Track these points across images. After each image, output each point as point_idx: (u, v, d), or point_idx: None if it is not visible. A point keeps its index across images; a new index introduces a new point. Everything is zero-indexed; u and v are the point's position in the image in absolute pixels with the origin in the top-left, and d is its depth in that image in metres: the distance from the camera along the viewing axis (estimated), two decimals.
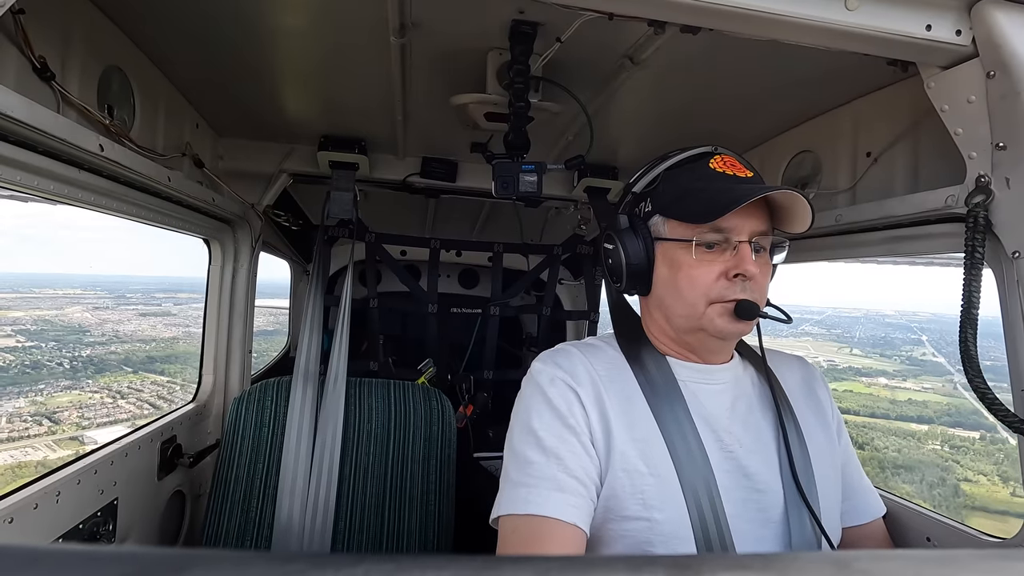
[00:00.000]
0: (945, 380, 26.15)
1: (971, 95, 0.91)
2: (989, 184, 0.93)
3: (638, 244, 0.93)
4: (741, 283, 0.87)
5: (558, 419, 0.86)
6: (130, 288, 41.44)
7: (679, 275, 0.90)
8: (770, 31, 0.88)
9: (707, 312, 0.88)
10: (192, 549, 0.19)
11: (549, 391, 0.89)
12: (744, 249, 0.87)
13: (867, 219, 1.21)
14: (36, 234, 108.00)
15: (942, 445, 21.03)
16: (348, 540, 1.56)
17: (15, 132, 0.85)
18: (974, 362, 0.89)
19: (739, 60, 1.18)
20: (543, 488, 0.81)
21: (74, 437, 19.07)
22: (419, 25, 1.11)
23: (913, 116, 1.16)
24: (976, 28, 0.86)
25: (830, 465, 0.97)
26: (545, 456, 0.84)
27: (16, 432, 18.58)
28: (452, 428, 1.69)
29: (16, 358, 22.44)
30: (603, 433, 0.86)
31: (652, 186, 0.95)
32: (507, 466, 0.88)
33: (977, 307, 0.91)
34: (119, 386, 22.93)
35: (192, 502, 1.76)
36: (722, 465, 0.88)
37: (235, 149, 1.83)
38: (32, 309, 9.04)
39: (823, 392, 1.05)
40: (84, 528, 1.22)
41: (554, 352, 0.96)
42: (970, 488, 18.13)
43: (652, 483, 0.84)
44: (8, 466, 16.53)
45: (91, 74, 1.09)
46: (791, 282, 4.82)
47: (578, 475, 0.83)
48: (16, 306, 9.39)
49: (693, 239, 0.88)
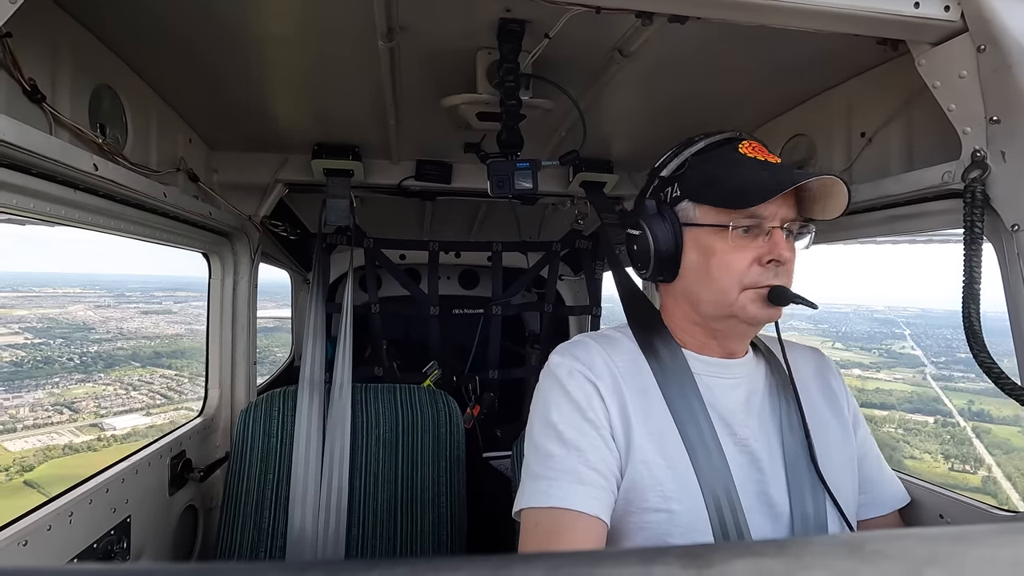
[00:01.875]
0: (917, 371, 27.60)
1: (962, 70, 0.91)
2: (985, 158, 0.92)
3: (667, 229, 0.92)
4: (774, 268, 0.87)
5: (577, 411, 0.86)
6: (128, 287, 41.80)
7: (712, 261, 0.89)
8: (758, 16, 0.88)
9: (739, 299, 0.87)
10: (206, 563, 0.19)
11: (568, 384, 0.88)
12: (778, 235, 0.87)
13: (864, 199, 1.21)
14: (33, 235, 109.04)
15: (897, 428, 23.14)
16: (362, 546, 1.56)
17: (8, 155, 0.85)
18: (978, 337, 0.89)
19: (729, 48, 1.17)
20: (564, 481, 0.82)
21: (94, 424, 20.31)
22: (406, 28, 1.10)
23: (906, 94, 1.15)
24: (965, 3, 0.86)
25: (845, 456, 0.97)
26: (566, 449, 0.84)
27: (41, 420, 19.92)
28: (460, 429, 1.69)
29: (27, 354, 23.34)
30: (623, 425, 0.87)
31: (680, 171, 0.94)
32: (528, 459, 0.88)
33: (979, 281, 0.91)
34: (130, 379, 23.97)
35: (204, 516, 1.76)
36: (736, 459, 0.88)
37: (229, 161, 1.83)
38: (35, 308, 9.31)
39: (837, 383, 1.05)
40: (98, 547, 1.22)
41: (572, 344, 0.96)
42: (912, 463, 20.46)
43: (670, 475, 0.84)
44: (38, 449, 17.28)
45: (82, 94, 1.09)
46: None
47: (599, 467, 0.83)
48: (19, 305, 9.68)
49: (730, 224, 0.87)
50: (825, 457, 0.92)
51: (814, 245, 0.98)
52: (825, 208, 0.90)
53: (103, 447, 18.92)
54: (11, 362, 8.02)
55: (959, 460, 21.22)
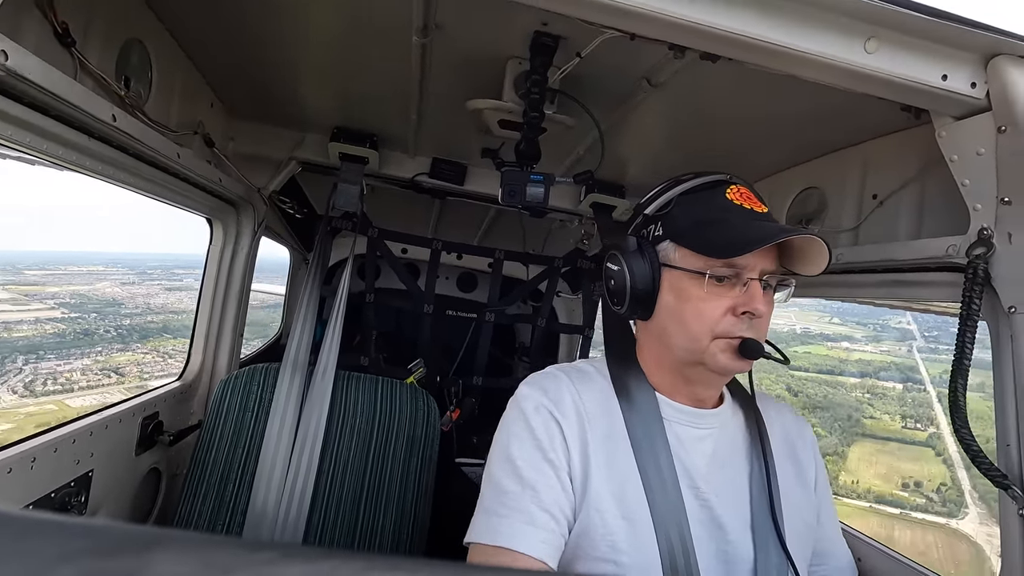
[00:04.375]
0: (905, 344, 28.38)
1: (980, 148, 0.92)
2: (991, 237, 0.93)
3: (645, 268, 0.90)
4: (748, 320, 0.85)
5: (538, 450, 0.84)
6: (148, 265, 42.71)
7: (686, 306, 0.87)
8: (789, 66, 0.89)
9: (710, 347, 0.86)
10: (162, 528, 0.19)
11: (532, 419, 0.87)
12: (755, 287, 0.85)
13: (868, 260, 1.22)
14: (58, 215, 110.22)
15: (864, 393, 24.76)
16: (321, 533, 1.54)
17: (28, 94, 0.85)
18: (961, 412, 0.89)
19: (754, 93, 1.18)
20: (515, 520, 0.81)
21: (140, 385, 22.23)
22: (442, 27, 1.11)
23: (922, 163, 1.17)
24: (991, 82, 0.87)
25: (802, 521, 0.95)
26: (521, 487, 0.83)
27: (92, 382, 22.39)
28: (436, 431, 1.68)
29: (67, 327, 25.39)
30: (582, 469, 0.85)
31: (664, 210, 0.91)
32: (483, 491, 0.87)
33: (969, 358, 0.91)
34: (165, 348, 25.99)
35: (168, 481, 1.74)
36: (696, 514, 0.86)
37: (247, 132, 1.83)
38: (65, 285, 9.60)
39: (806, 443, 1.03)
40: (56, 497, 1.20)
41: (543, 376, 0.94)
42: (869, 422, 22.15)
43: (624, 526, 0.83)
44: (94, 405, 19.04)
45: (112, 44, 1.10)
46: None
47: (551, 510, 0.82)
48: (50, 282, 9.99)
49: (707, 272, 0.85)
50: (788, 521, 0.91)
51: (819, 296, 0.96)
52: (807, 264, 0.88)
53: None
54: (54, 334, 8.28)
55: (913, 419, 22.22)
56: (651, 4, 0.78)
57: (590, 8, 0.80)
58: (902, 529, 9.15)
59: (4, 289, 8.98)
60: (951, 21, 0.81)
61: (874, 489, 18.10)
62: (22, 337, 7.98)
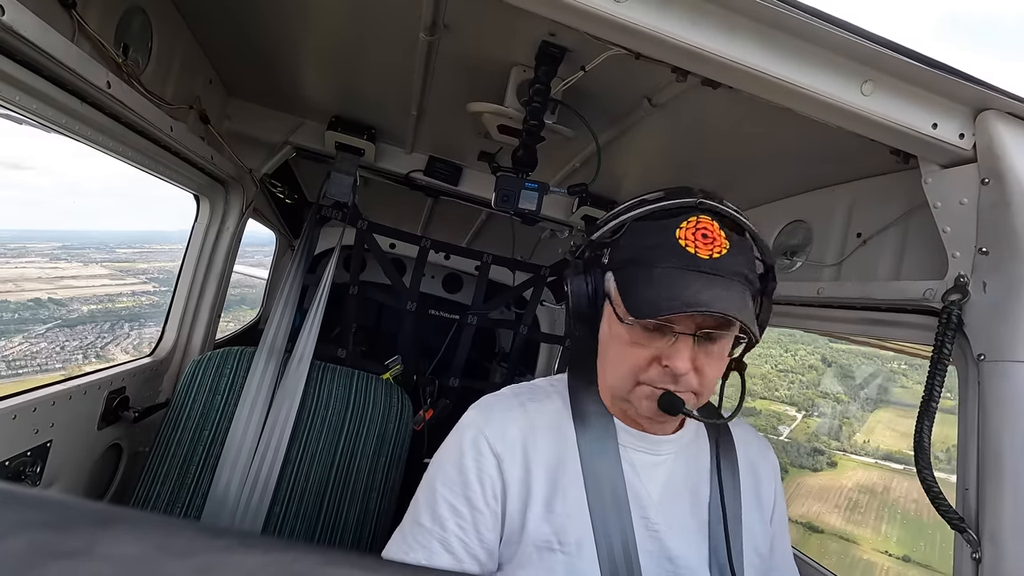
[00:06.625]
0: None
1: (964, 197, 0.95)
2: (967, 285, 0.95)
3: (586, 296, 0.86)
4: (672, 374, 0.79)
5: (462, 488, 0.83)
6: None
7: (614, 346, 0.84)
8: (787, 100, 0.90)
9: (635, 391, 0.83)
10: (119, 507, 0.19)
11: (466, 454, 0.84)
12: (681, 344, 0.78)
13: (847, 297, 1.24)
14: (135, 198, 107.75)
15: (901, 364, 26.03)
16: (282, 524, 1.52)
17: (23, 52, 0.83)
18: (925, 454, 0.91)
19: (752, 123, 1.20)
20: (419, 555, 0.81)
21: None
22: (450, 27, 1.11)
23: (906, 206, 1.19)
24: (979, 135, 0.90)
25: (755, 551, 0.93)
26: (432, 522, 0.82)
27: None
28: (408, 429, 1.67)
29: (160, 299, 25.10)
30: (520, 503, 0.82)
31: (615, 236, 0.85)
32: (410, 507, 0.88)
33: (937, 401, 0.93)
34: (245, 318, 27.12)
35: (128, 458, 1.70)
36: (645, 545, 0.83)
37: (244, 112, 1.81)
38: (151, 262, 9.60)
39: (768, 469, 1.00)
40: (10, 466, 1.17)
41: (495, 400, 0.91)
42: (899, 391, 23.80)
43: (563, 561, 0.80)
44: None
45: (113, 10, 1.08)
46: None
47: (456, 551, 0.81)
48: (139, 259, 10.03)
49: (630, 319, 0.79)
50: (746, 553, 0.90)
51: (795, 328, 0.96)
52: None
53: None
54: (149, 305, 8.25)
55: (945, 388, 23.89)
56: (657, 25, 0.79)
57: (598, 23, 0.81)
58: (900, 481, 9.63)
59: (102, 266, 9.10)
60: (945, 72, 0.83)
61: (882, 448, 18.40)
62: (124, 307, 8.06)
